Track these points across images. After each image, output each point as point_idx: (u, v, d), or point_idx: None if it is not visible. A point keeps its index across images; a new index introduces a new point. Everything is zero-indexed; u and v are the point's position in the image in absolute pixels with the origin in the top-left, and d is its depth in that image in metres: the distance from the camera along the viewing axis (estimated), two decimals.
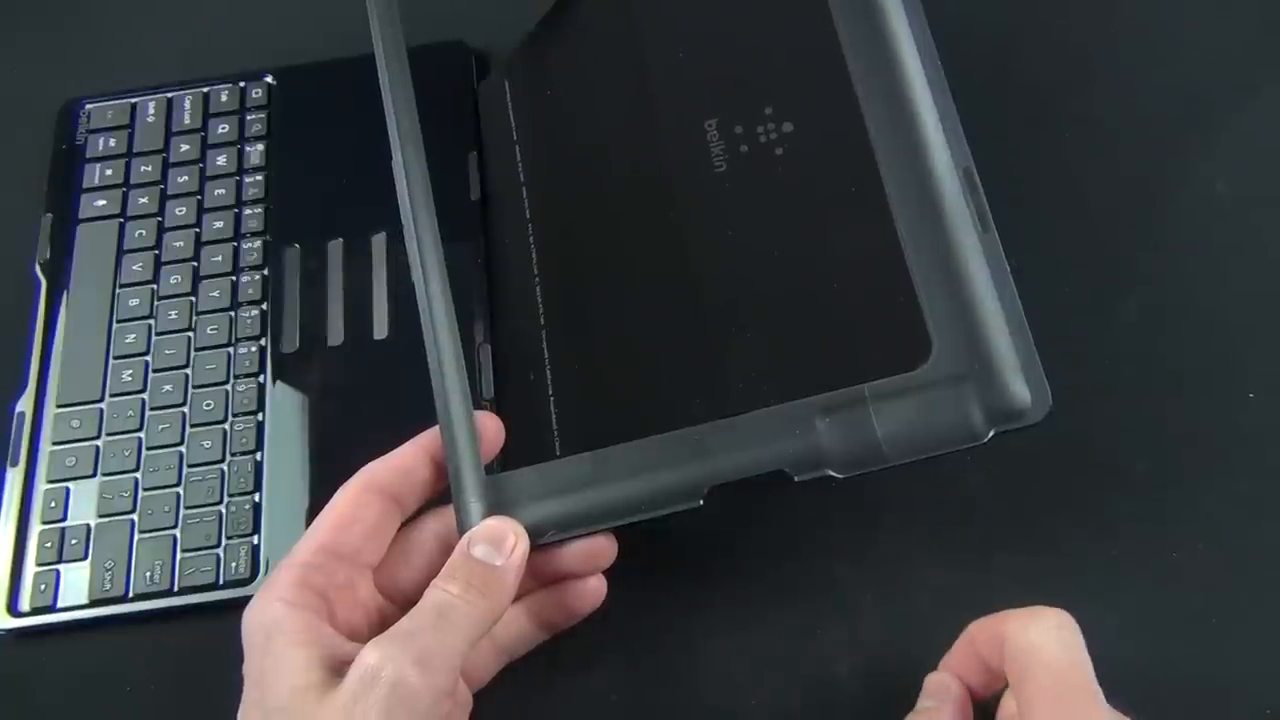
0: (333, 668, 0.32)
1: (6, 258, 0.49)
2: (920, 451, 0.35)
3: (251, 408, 0.45)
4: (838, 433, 0.35)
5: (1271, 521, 0.41)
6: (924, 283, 0.36)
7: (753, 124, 0.40)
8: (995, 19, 0.51)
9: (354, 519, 0.35)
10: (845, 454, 0.35)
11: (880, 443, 0.35)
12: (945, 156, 0.37)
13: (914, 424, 0.35)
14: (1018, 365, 0.35)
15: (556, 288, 0.42)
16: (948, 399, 0.35)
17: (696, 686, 0.39)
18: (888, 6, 0.40)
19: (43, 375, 0.46)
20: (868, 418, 0.35)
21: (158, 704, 0.41)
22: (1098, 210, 0.47)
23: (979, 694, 0.35)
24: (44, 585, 0.42)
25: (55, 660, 0.42)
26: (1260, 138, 0.48)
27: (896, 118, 0.38)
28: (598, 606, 0.38)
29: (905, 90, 0.38)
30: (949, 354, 0.36)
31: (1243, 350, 0.44)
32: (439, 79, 0.51)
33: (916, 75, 0.39)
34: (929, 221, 0.37)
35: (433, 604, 0.33)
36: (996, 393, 0.35)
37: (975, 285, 0.36)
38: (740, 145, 0.40)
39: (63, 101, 0.52)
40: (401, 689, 0.30)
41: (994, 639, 0.33)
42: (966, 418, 0.35)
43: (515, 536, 0.35)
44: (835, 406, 0.35)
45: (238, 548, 0.42)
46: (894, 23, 0.39)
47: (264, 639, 0.33)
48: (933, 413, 0.35)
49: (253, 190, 0.49)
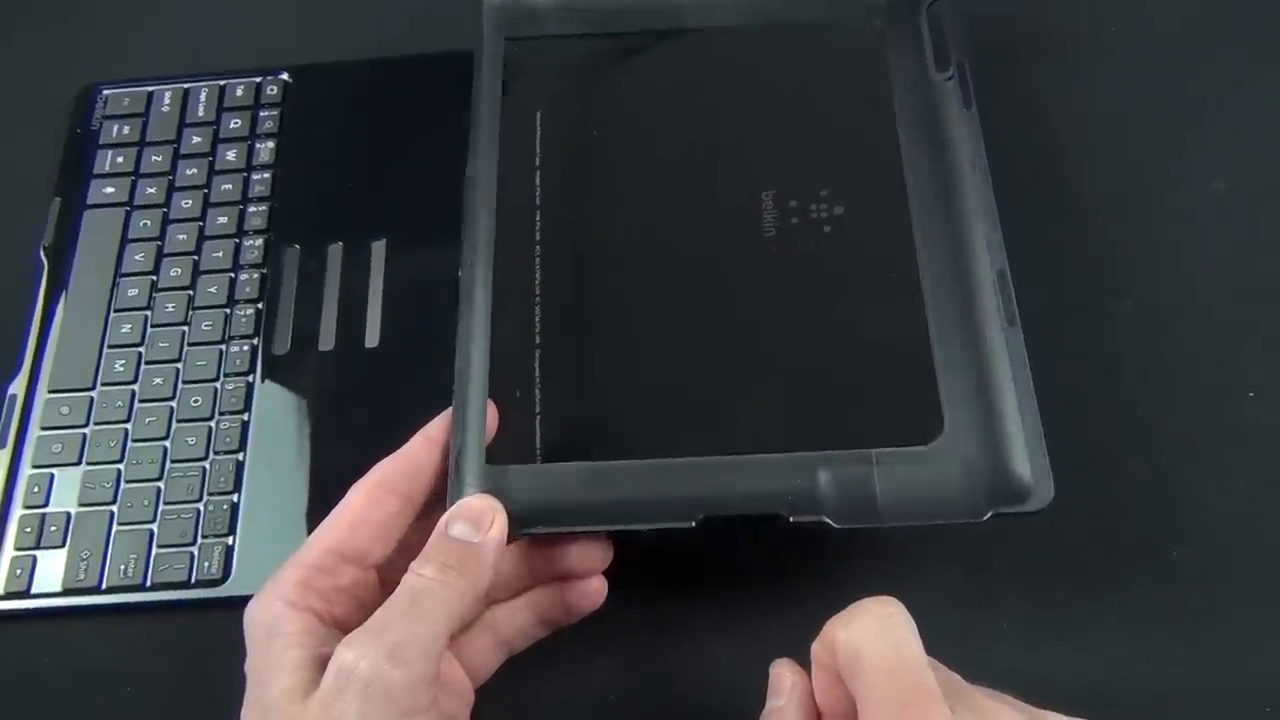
0: (325, 667, 0.32)
1: (14, 240, 0.50)
2: (917, 519, 0.36)
3: (238, 407, 0.45)
4: (838, 487, 0.37)
5: (1271, 521, 0.41)
6: (945, 366, 0.39)
7: (807, 201, 0.43)
8: (995, 19, 0.51)
9: (364, 520, 0.35)
10: (842, 507, 0.37)
11: (879, 505, 0.37)
12: (984, 258, 0.41)
13: (914, 494, 0.37)
14: (1025, 456, 0.37)
15: (559, 310, 0.42)
16: (951, 476, 0.37)
17: (696, 686, 0.39)
18: (949, 115, 0.44)
19: (37, 359, 0.46)
20: (870, 479, 0.37)
21: (123, 697, 0.41)
22: (1097, 209, 0.47)
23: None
24: (20, 570, 0.42)
25: (23, 646, 0.42)
26: (1259, 137, 0.48)
27: (942, 217, 0.42)
28: (598, 606, 0.38)
29: (953, 193, 0.42)
30: (959, 435, 0.38)
31: (1242, 350, 0.44)
32: (453, 88, 0.51)
33: (966, 177, 0.42)
34: (959, 313, 0.40)
35: (405, 591, 0.32)
36: (1000, 479, 0.37)
37: (994, 376, 0.39)
38: (792, 218, 0.43)
39: (81, 86, 0.52)
40: (377, 684, 0.30)
41: (831, 648, 0.30)
42: (967, 497, 0.37)
43: (494, 513, 0.34)
44: (840, 462, 0.37)
45: (212, 547, 0.42)
46: (951, 130, 0.43)
47: (265, 637, 0.33)
48: (935, 486, 0.37)
49: (259, 188, 0.49)
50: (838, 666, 0.30)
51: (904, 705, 0.28)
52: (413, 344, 0.46)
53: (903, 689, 0.28)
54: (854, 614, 0.30)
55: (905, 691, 0.28)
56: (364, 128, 0.51)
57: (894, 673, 0.29)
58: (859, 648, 0.29)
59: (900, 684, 0.28)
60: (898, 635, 0.29)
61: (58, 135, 0.52)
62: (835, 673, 0.30)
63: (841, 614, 0.30)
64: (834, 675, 0.31)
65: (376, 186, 0.49)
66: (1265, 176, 0.47)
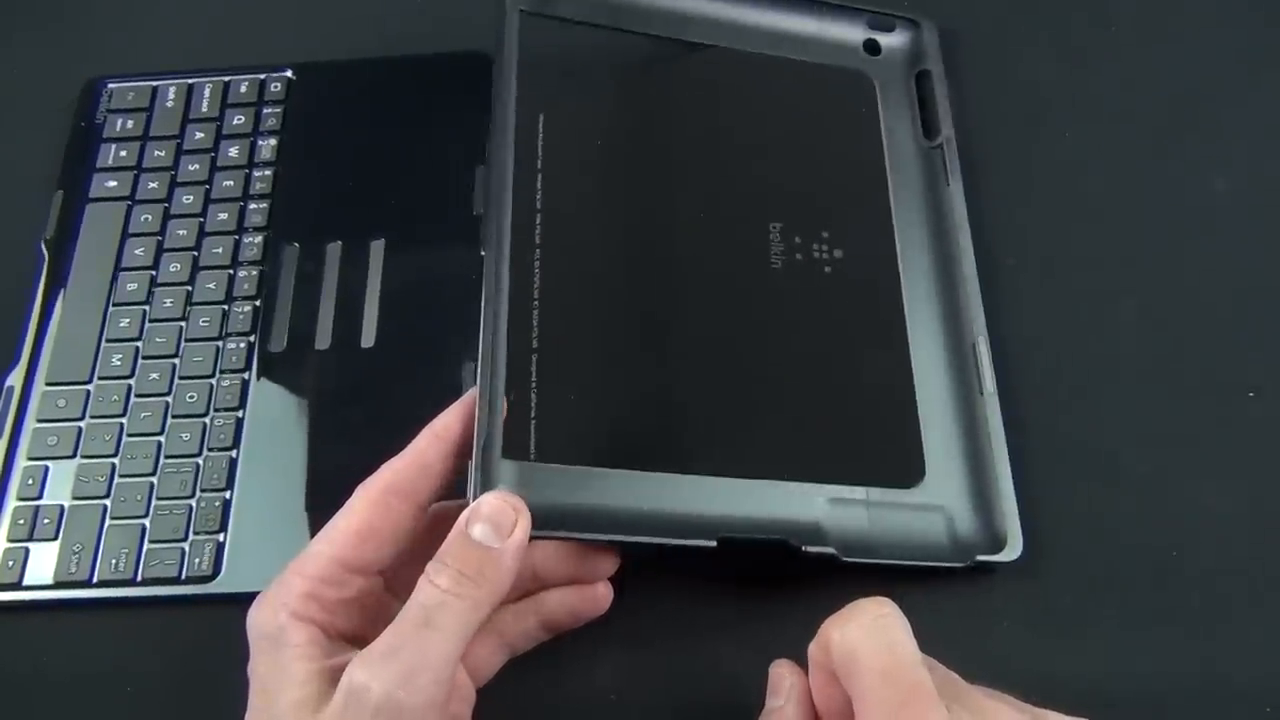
0: (334, 680, 0.31)
1: (16, 232, 0.50)
2: (909, 559, 0.39)
3: (233, 404, 0.45)
4: (841, 522, 0.39)
5: (1272, 521, 0.41)
6: (927, 420, 0.42)
7: (810, 239, 0.44)
8: (995, 18, 0.52)
9: (372, 531, 0.34)
10: (846, 542, 0.38)
11: (876, 543, 0.39)
12: (962, 328, 0.43)
13: (902, 535, 0.39)
14: (996, 511, 0.40)
15: (557, 314, 0.42)
16: (931, 523, 0.40)
17: (696, 687, 0.39)
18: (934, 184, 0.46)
19: (35, 352, 0.46)
20: (864, 517, 0.39)
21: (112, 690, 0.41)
22: (1097, 209, 0.47)
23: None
24: (12, 562, 0.42)
25: (13, 638, 0.42)
26: (1260, 136, 0.48)
27: (928, 278, 0.44)
28: (603, 612, 0.38)
29: (936, 257, 0.45)
30: (937, 485, 0.41)
31: (1243, 350, 0.44)
32: (457, 88, 0.51)
33: (950, 246, 0.45)
34: (939, 374, 0.43)
35: (418, 609, 0.31)
36: (968, 529, 0.40)
37: (968, 437, 0.41)
38: (796, 254, 0.44)
39: (86, 80, 0.53)
40: (389, 708, 0.30)
41: (827, 649, 0.30)
42: (944, 543, 0.40)
43: (517, 514, 0.33)
44: (840, 500, 0.39)
45: (203, 544, 0.42)
46: (938, 198, 0.46)
47: (270, 646, 0.32)
48: (918, 530, 0.39)
49: (260, 185, 0.49)
50: (834, 667, 0.30)
51: (900, 705, 0.28)
52: (409, 344, 0.46)
53: (898, 689, 0.28)
54: (848, 615, 0.30)
55: (901, 691, 0.28)
56: (366, 127, 0.51)
57: (889, 673, 0.28)
58: (854, 648, 0.29)
59: (896, 684, 0.28)
60: (892, 635, 0.29)
61: (61, 129, 0.52)
62: (832, 673, 0.30)
63: (836, 615, 0.30)
64: (831, 676, 0.30)
65: (376, 186, 0.49)
66: (1265, 176, 0.47)
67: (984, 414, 0.41)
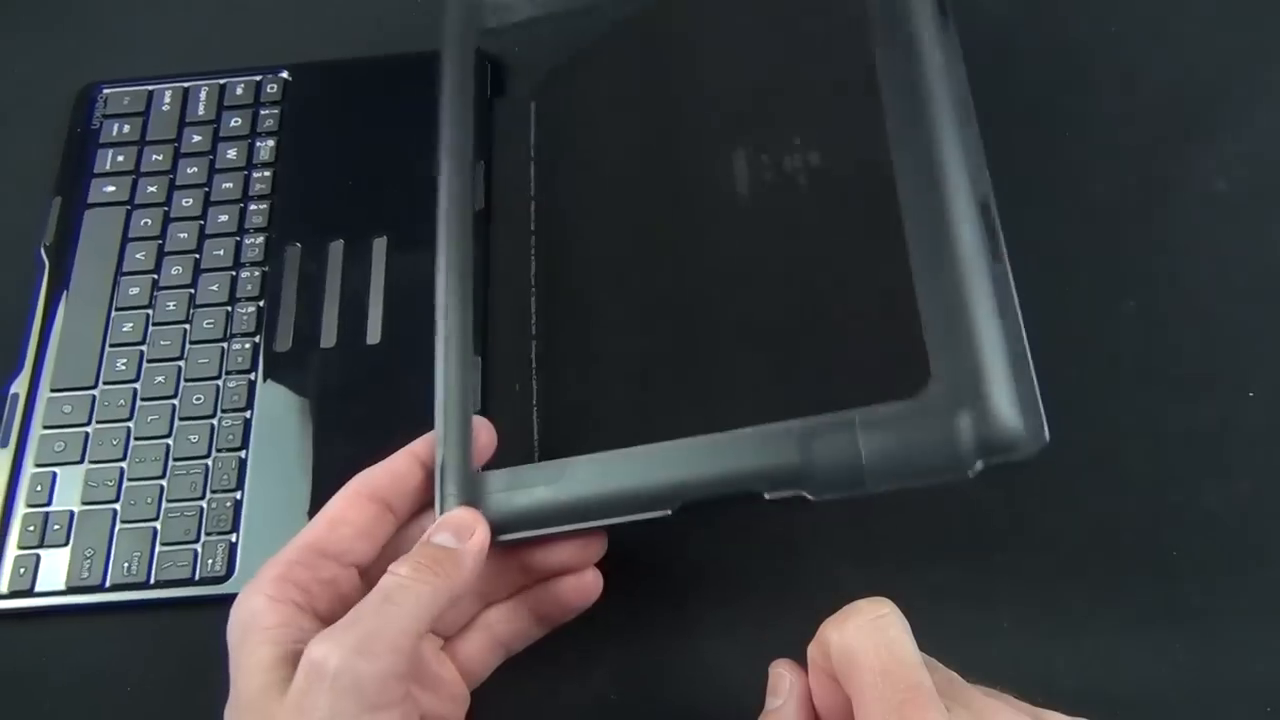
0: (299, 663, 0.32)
1: (15, 239, 0.50)
2: (902, 480, 0.34)
3: (241, 405, 0.45)
4: (819, 455, 0.35)
5: (1272, 521, 0.41)
6: (929, 313, 0.36)
7: (780, 153, 0.40)
8: (995, 19, 0.51)
9: (343, 519, 0.35)
10: (824, 477, 0.35)
11: (863, 468, 0.35)
12: (965, 190, 0.37)
13: (900, 452, 0.34)
14: (1014, 398, 0.34)
15: (553, 299, 0.42)
16: (938, 428, 0.34)
17: (696, 687, 0.39)
18: (925, 32, 0.39)
19: (39, 358, 0.46)
20: (854, 443, 0.35)
21: (127, 695, 0.41)
22: (1098, 209, 0.47)
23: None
24: (23, 569, 0.42)
25: (27, 645, 0.42)
26: (1261, 136, 0.48)
27: (923, 152, 0.38)
28: (595, 600, 0.38)
29: (934, 125, 0.38)
30: (945, 384, 0.35)
31: (1243, 350, 0.44)
32: None
33: (946, 109, 0.38)
34: (942, 254, 0.36)
35: (379, 590, 0.33)
36: (988, 423, 0.34)
37: (978, 318, 0.35)
38: (765, 174, 0.40)
39: (82, 85, 0.52)
40: (345, 677, 0.30)
41: (825, 650, 0.30)
42: (954, 447, 0.34)
43: (476, 523, 0.35)
44: (821, 429, 0.35)
45: (215, 545, 0.42)
46: (928, 49, 0.39)
47: (241, 634, 0.33)
48: (921, 441, 0.34)
49: (259, 186, 0.49)
50: (833, 668, 0.30)
51: (899, 704, 0.28)
52: (414, 340, 0.45)
53: (897, 688, 0.28)
54: (846, 615, 0.30)
55: (900, 691, 0.28)
56: (364, 125, 0.51)
57: (887, 672, 0.28)
58: (852, 648, 0.29)
59: (894, 683, 0.28)
60: (890, 635, 0.29)
61: (58, 134, 0.52)
62: (831, 674, 0.30)
63: (834, 615, 0.30)
64: (830, 676, 0.31)
65: (377, 184, 0.49)
66: (1265, 176, 0.47)
67: (995, 285, 0.36)
